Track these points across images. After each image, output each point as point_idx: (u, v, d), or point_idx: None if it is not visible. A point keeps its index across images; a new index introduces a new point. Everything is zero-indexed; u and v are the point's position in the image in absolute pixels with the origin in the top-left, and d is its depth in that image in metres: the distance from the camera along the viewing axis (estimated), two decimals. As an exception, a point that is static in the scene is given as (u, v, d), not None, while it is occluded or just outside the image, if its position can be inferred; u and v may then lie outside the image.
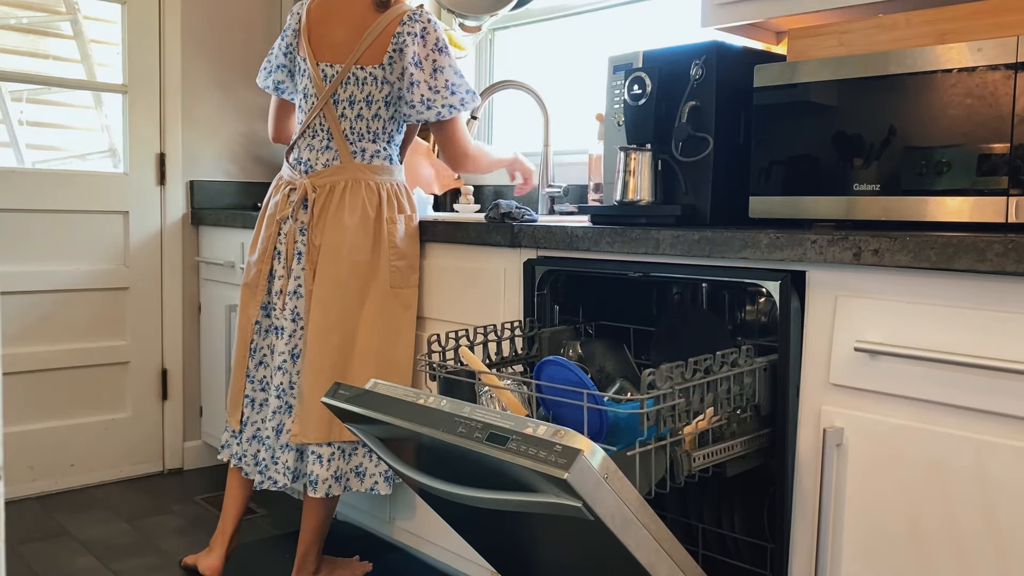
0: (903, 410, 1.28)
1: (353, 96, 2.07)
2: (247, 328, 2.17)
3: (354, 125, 2.07)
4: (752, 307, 1.82)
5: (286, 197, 2.11)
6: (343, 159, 2.07)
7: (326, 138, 2.09)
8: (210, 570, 2.20)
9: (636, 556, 1.18)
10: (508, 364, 1.72)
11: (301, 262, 2.07)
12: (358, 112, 2.07)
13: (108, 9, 3.09)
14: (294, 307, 2.08)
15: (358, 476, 2.11)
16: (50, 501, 2.84)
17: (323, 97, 2.08)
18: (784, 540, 1.43)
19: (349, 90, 2.07)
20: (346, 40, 2.08)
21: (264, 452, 2.12)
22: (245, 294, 2.18)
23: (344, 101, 2.08)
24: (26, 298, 2.83)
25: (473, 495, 1.19)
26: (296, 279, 2.07)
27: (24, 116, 3.11)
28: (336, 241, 2.03)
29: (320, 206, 2.05)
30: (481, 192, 2.95)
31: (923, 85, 1.37)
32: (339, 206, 2.04)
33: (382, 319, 2.07)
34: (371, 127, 2.08)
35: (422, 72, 2.04)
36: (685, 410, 1.30)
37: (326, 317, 2.03)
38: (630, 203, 1.76)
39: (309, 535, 2.14)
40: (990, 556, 1.19)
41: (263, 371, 2.16)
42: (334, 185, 2.06)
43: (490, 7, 2.65)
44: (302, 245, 2.07)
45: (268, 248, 2.13)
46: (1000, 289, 1.17)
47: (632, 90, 1.76)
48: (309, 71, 2.10)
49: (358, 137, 2.08)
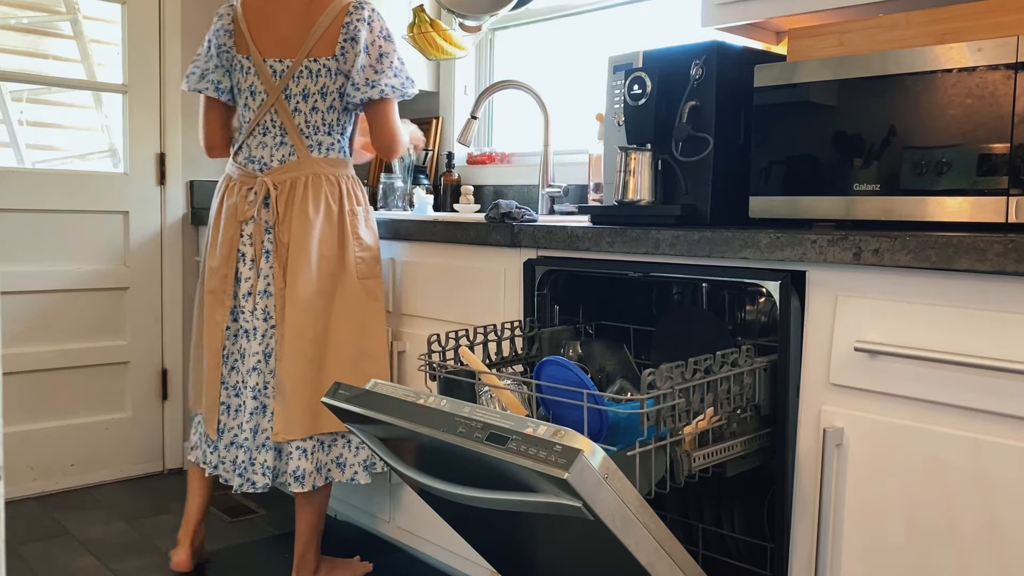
0: (903, 410, 1.28)
1: (307, 89, 2.07)
2: (218, 335, 2.13)
3: (309, 119, 2.08)
4: (752, 307, 1.82)
5: (244, 198, 2.09)
6: (300, 154, 2.08)
7: (279, 134, 2.09)
8: (178, 565, 2.25)
9: (636, 556, 1.19)
10: (508, 364, 1.72)
11: (269, 261, 2.07)
12: (312, 105, 2.08)
13: (108, 9, 3.09)
14: (264, 307, 2.07)
15: (339, 467, 2.13)
16: (50, 501, 2.84)
17: (274, 93, 2.08)
18: (784, 540, 1.43)
19: (302, 83, 2.07)
20: (292, 34, 2.07)
21: (242, 455, 2.11)
22: (211, 301, 2.14)
23: (297, 95, 2.08)
24: (26, 298, 2.83)
25: (473, 495, 1.19)
26: (265, 278, 2.07)
27: (24, 116, 3.11)
28: (303, 237, 2.04)
29: (284, 203, 2.05)
30: (481, 192, 2.96)
31: (923, 85, 1.37)
32: (303, 202, 2.05)
33: (353, 311, 2.10)
34: (326, 119, 2.09)
35: (368, 57, 2.06)
36: (685, 410, 1.30)
37: (301, 313, 2.04)
38: (630, 203, 1.76)
39: (305, 534, 2.15)
40: (990, 556, 1.19)
41: (235, 376, 2.14)
42: (295, 181, 2.06)
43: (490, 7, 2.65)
44: (269, 243, 2.07)
45: (231, 251, 2.11)
46: (1000, 289, 1.17)
47: (632, 90, 1.76)
48: (255, 68, 2.09)
49: (313, 131, 2.09)
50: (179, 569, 2.24)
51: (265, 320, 2.08)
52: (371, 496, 2.38)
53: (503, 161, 2.96)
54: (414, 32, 2.71)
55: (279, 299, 2.06)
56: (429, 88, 3.12)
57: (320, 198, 2.06)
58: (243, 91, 2.12)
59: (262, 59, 2.08)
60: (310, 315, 2.05)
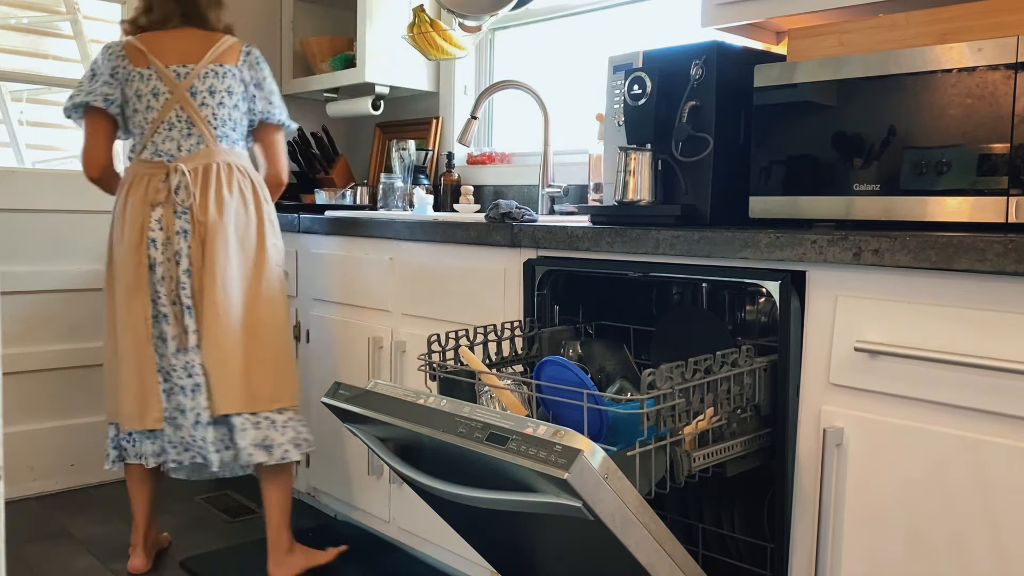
0: (903, 410, 1.28)
1: (213, 87, 2.14)
2: (143, 326, 2.11)
3: (216, 112, 2.14)
4: (752, 307, 1.82)
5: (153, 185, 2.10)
6: (209, 144, 2.13)
7: (186, 127, 2.13)
8: (134, 569, 2.28)
9: (636, 556, 1.19)
10: (508, 364, 1.72)
11: (187, 239, 2.08)
12: (220, 100, 2.15)
13: (108, 9, 3.09)
14: (185, 284, 2.09)
15: (265, 449, 2.15)
16: (50, 501, 2.84)
17: (180, 90, 2.13)
18: (784, 540, 1.43)
19: (208, 82, 2.14)
20: (192, 51, 2.16)
21: (186, 434, 2.13)
22: (124, 294, 2.12)
23: (203, 92, 2.14)
24: (26, 298, 2.83)
25: (473, 495, 1.19)
26: (186, 257, 2.08)
27: (24, 116, 3.11)
28: (220, 217, 2.09)
29: (199, 185, 2.09)
30: (481, 192, 2.96)
31: (923, 85, 1.37)
32: (218, 184, 2.11)
33: (269, 292, 2.17)
34: (232, 116, 2.17)
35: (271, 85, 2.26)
36: (685, 410, 1.30)
37: (222, 290, 2.08)
38: (630, 203, 1.76)
39: (276, 517, 2.21)
40: (990, 556, 1.19)
41: (164, 361, 2.14)
42: (208, 167, 2.11)
43: (490, 7, 2.65)
44: (185, 223, 2.08)
45: (141, 238, 2.09)
46: (1000, 289, 1.17)
47: (632, 90, 1.76)
48: (156, 73, 2.13)
49: (221, 123, 2.15)
50: (135, 572, 2.28)
51: (191, 297, 2.10)
52: (371, 496, 2.38)
53: (503, 161, 2.96)
54: (414, 32, 2.71)
55: (198, 278, 2.08)
56: (429, 88, 3.13)
57: (234, 184, 2.13)
58: (143, 96, 2.14)
59: (164, 65, 2.14)
60: (230, 292, 2.10)
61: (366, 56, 2.93)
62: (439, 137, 3.12)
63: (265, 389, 2.15)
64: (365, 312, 2.37)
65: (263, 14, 3.32)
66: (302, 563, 2.25)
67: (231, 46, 2.20)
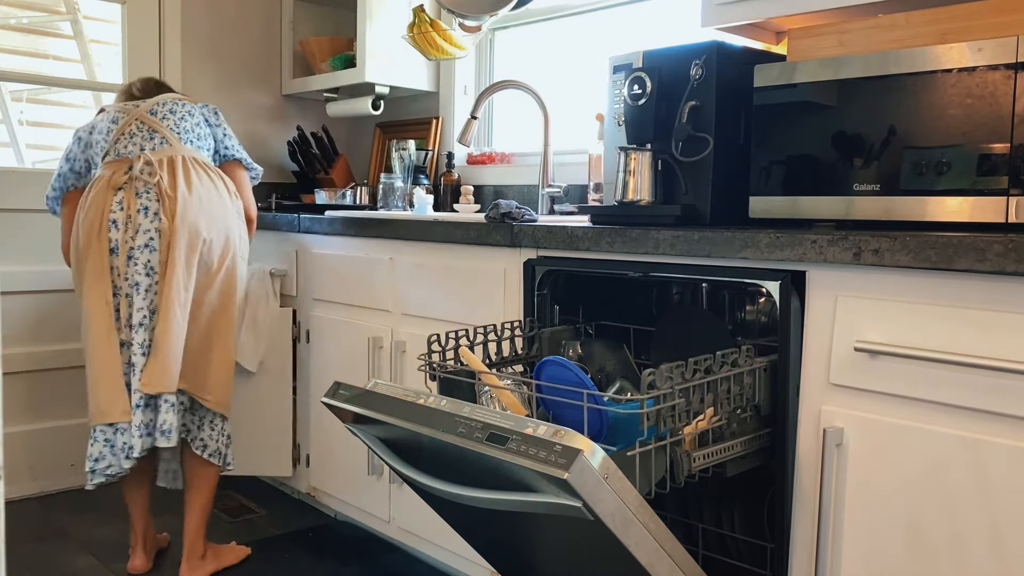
0: (903, 410, 1.28)
1: (173, 109, 2.22)
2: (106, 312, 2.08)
3: (179, 124, 2.20)
4: (752, 307, 1.82)
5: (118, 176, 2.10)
6: (172, 144, 2.17)
7: (148, 133, 2.17)
8: (134, 569, 2.29)
9: (636, 556, 1.19)
10: (508, 364, 1.72)
11: (148, 215, 2.07)
12: (181, 116, 2.21)
13: (108, 9, 3.09)
14: (147, 261, 2.06)
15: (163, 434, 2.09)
16: (50, 501, 2.84)
17: (138, 111, 2.19)
18: (784, 540, 1.43)
19: (168, 106, 2.22)
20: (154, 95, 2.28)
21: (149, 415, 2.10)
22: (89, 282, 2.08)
23: (163, 111, 2.21)
24: (26, 298, 2.83)
25: (473, 495, 1.19)
26: (146, 232, 2.06)
27: (24, 116, 3.11)
28: (191, 196, 2.10)
29: (166, 168, 2.11)
30: (481, 192, 2.96)
31: (923, 85, 1.37)
32: (186, 170, 2.13)
33: (224, 284, 2.17)
34: (195, 130, 2.22)
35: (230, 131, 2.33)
36: (685, 410, 1.30)
37: (185, 266, 2.08)
38: (630, 203, 1.76)
39: (194, 521, 2.22)
40: (990, 556, 1.19)
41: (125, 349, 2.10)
42: (172, 157, 2.14)
43: (490, 7, 2.65)
44: (148, 200, 2.07)
45: (102, 224, 2.08)
46: (1000, 289, 1.17)
47: (632, 90, 1.76)
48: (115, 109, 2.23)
49: (185, 132, 2.20)
50: (135, 572, 2.28)
51: (148, 275, 2.07)
52: (371, 496, 2.38)
53: (503, 161, 2.96)
54: (414, 32, 2.71)
55: (163, 250, 2.07)
56: (429, 88, 3.13)
57: (201, 172, 2.16)
58: (101, 127, 2.21)
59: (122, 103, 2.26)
60: (192, 269, 2.09)
61: (366, 56, 2.94)
62: (439, 137, 3.12)
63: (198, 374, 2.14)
64: (365, 312, 2.37)
65: (263, 14, 3.32)
66: (212, 566, 2.27)
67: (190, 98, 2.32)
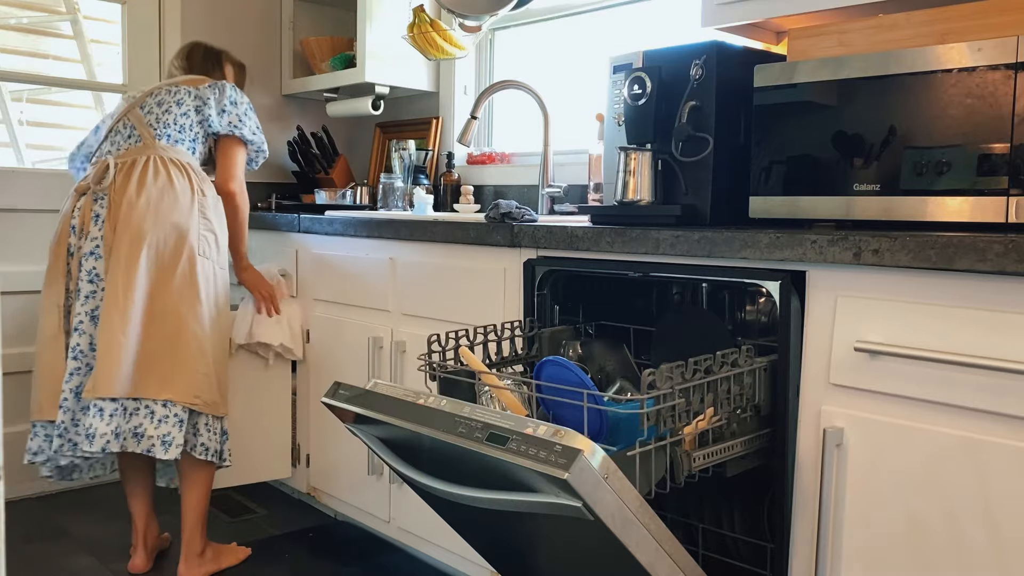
0: (903, 410, 1.28)
1: (162, 100, 2.26)
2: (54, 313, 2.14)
3: (160, 117, 2.22)
4: (752, 307, 1.82)
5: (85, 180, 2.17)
6: (145, 141, 2.19)
7: (129, 131, 2.23)
8: (134, 569, 2.28)
9: (636, 556, 1.19)
10: (508, 364, 1.72)
11: (98, 223, 2.10)
12: (166, 108, 2.23)
13: (108, 9, 3.09)
14: (92, 268, 2.10)
15: (135, 437, 2.08)
16: (50, 501, 2.84)
17: (131, 105, 2.27)
18: (784, 540, 1.43)
19: (159, 97, 2.27)
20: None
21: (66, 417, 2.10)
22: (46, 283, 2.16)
23: (151, 103, 2.26)
24: (26, 298, 2.83)
25: (473, 495, 1.19)
26: (93, 240, 2.10)
27: (24, 116, 3.11)
28: (138, 198, 2.10)
29: (123, 173, 2.13)
30: (481, 192, 2.96)
31: (923, 85, 1.37)
32: (143, 172, 2.14)
33: (184, 284, 2.13)
34: (178, 120, 2.22)
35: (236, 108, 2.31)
36: (685, 410, 1.30)
37: (125, 271, 2.06)
38: (630, 203, 1.76)
39: (190, 518, 2.21)
40: (990, 556, 1.19)
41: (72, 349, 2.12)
42: (136, 159, 2.16)
43: (490, 7, 2.65)
44: (100, 208, 2.11)
45: (65, 226, 2.15)
46: (1000, 289, 1.17)
47: (632, 90, 1.76)
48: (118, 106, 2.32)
49: (163, 126, 2.21)
50: (135, 572, 2.28)
51: (92, 282, 2.10)
52: (371, 496, 2.38)
53: (503, 161, 2.96)
54: (414, 32, 2.71)
55: (107, 258, 2.09)
56: (429, 88, 3.13)
57: (160, 172, 2.15)
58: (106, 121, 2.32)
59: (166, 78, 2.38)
60: (136, 279, 2.07)
61: (366, 56, 2.93)
62: (439, 137, 3.12)
63: (152, 377, 2.08)
64: (365, 312, 2.37)
65: (263, 14, 3.32)
66: (211, 567, 2.26)
67: (199, 80, 2.33)
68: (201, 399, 2.13)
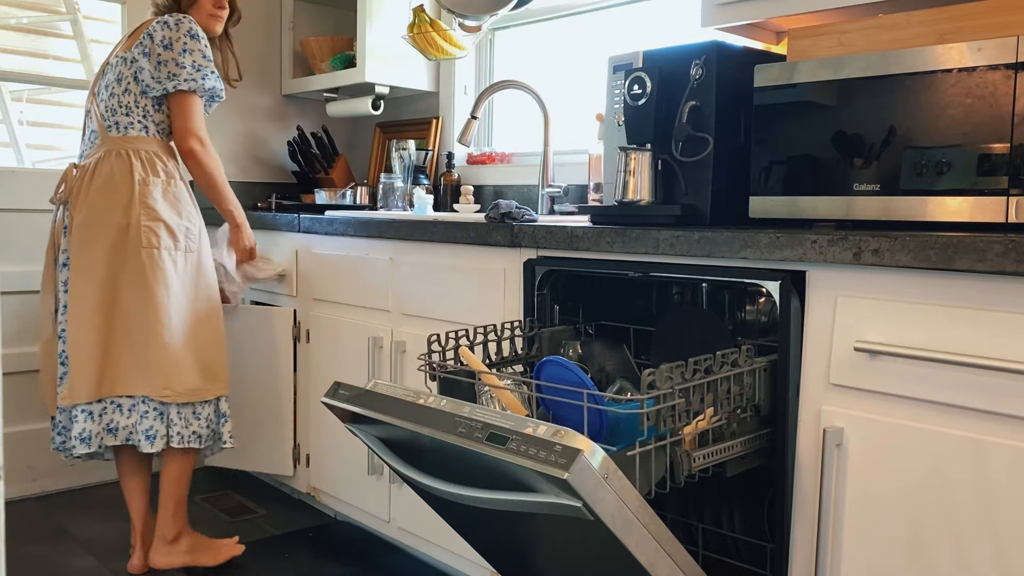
0: (903, 410, 1.28)
1: (108, 81, 2.25)
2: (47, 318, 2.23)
3: (108, 103, 2.23)
4: (752, 307, 1.82)
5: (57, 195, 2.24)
6: (101, 137, 2.22)
7: (91, 126, 2.27)
8: (134, 569, 2.28)
9: (636, 556, 1.19)
10: (508, 364, 1.72)
11: (66, 235, 2.19)
12: (110, 92, 2.23)
13: (108, 9, 3.09)
14: (65, 279, 2.18)
15: (111, 432, 2.17)
16: (50, 501, 2.84)
17: (88, 96, 2.30)
18: (784, 540, 1.43)
19: (105, 79, 2.26)
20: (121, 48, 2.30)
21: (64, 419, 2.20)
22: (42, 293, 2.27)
23: (101, 90, 2.26)
24: (26, 298, 2.83)
25: (473, 495, 1.19)
26: (64, 252, 2.18)
27: (24, 116, 3.11)
28: (91, 209, 2.15)
29: (80, 183, 2.18)
30: (481, 192, 2.96)
31: (923, 85, 1.37)
32: (93, 178, 2.18)
33: (136, 279, 2.15)
34: (122, 101, 2.21)
35: (171, 52, 2.17)
36: (685, 410, 1.30)
37: (81, 280, 2.14)
38: (630, 203, 1.76)
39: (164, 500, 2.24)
40: (990, 556, 1.19)
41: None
42: (94, 159, 2.20)
43: (490, 7, 2.65)
44: (66, 218, 2.20)
45: (52, 240, 2.25)
46: (1000, 289, 1.17)
47: (632, 90, 1.76)
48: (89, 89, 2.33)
49: (111, 113, 2.22)
50: (135, 572, 2.27)
51: (67, 292, 2.17)
52: (371, 496, 2.38)
53: (503, 161, 2.96)
54: (414, 32, 2.71)
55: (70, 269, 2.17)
56: (429, 88, 3.13)
57: (104, 170, 2.17)
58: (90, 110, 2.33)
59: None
60: (91, 282, 2.14)
61: (366, 56, 2.93)
62: (439, 137, 3.12)
63: (119, 378, 2.15)
64: (365, 312, 2.37)
65: (263, 14, 3.32)
66: (182, 559, 2.25)
67: (140, 27, 2.24)
68: (172, 390, 2.15)
